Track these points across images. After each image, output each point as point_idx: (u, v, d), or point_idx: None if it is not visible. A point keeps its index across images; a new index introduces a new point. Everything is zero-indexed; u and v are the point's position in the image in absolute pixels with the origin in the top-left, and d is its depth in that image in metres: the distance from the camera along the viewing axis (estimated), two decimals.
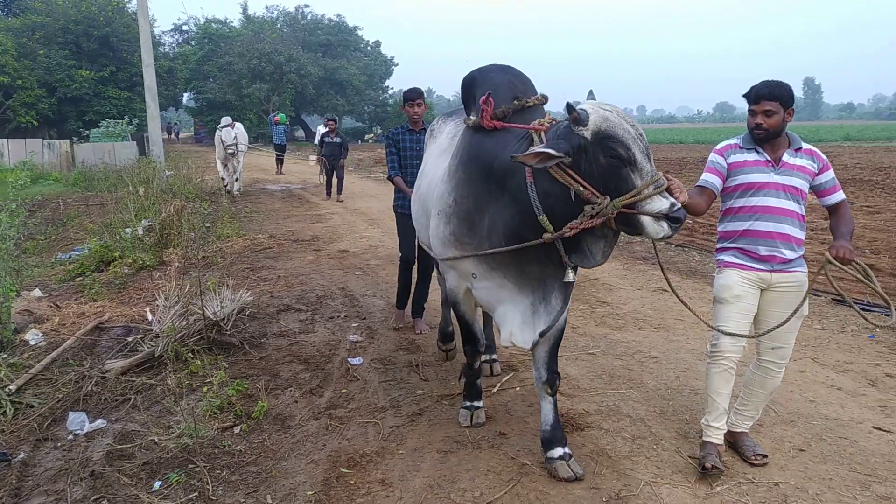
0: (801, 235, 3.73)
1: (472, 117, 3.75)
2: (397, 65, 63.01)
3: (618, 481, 3.74)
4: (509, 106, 3.57)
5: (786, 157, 3.69)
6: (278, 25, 58.08)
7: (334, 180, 17.11)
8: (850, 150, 33.48)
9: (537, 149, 3.13)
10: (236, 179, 17.51)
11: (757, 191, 3.72)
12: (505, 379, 5.23)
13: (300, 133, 58.23)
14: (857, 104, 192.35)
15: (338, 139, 16.99)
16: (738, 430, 4.06)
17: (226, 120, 17.22)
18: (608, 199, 3.08)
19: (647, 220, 3.05)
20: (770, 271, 3.72)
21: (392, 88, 61.68)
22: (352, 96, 54.11)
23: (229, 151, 16.57)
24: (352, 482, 3.81)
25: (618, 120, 3.08)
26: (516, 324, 3.71)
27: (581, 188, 3.12)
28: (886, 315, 4.29)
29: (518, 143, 3.42)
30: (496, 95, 3.57)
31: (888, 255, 9.83)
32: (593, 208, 3.11)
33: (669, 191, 3.13)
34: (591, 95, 3.46)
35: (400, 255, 6.52)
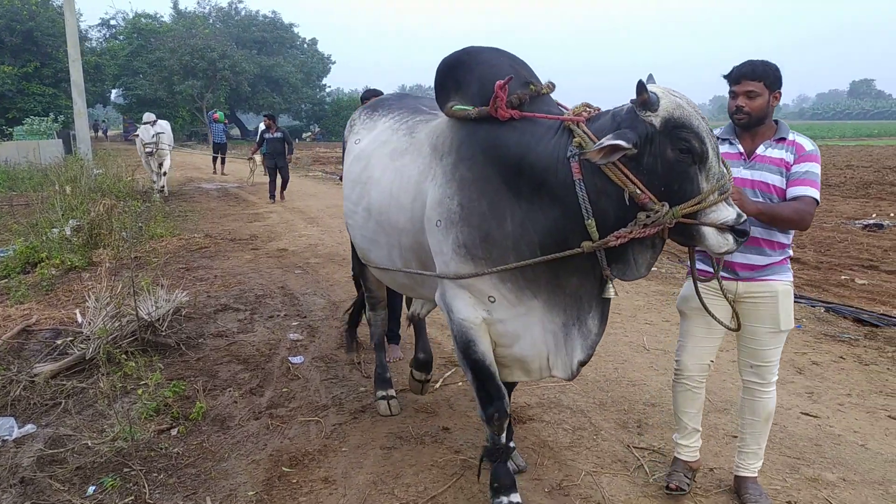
0: (779, 238, 3.27)
1: (465, 107, 3.14)
2: (335, 63, 62.51)
3: (559, 472, 3.80)
4: (525, 92, 3.00)
5: (760, 149, 3.27)
6: (211, 21, 56.85)
7: (278, 180, 16.16)
8: None
9: (607, 141, 2.60)
10: (163, 174, 16.87)
11: None
12: (447, 374, 5.25)
13: (235, 132, 57.20)
14: (783, 104, 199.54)
15: (279, 134, 15.90)
16: (744, 475, 3.51)
17: (148, 117, 16.57)
18: (667, 206, 2.63)
19: (709, 232, 2.64)
20: (735, 279, 3.32)
21: (329, 87, 61.29)
22: (288, 94, 53.43)
23: (147, 150, 15.97)
24: (294, 481, 3.77)
25: (691, 109, 2.65)
26: (549, 349, 3.13)
27: (637, 190, 2.65)
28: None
29: (555, 135, 2.88)
30: (500, 79, 2.97)
31: (812, 248, 10.25)
32: (648, 216, 2.64)
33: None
34: (650, 79, 2.87)
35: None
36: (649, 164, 2.64)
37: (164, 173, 16.75)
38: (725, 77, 3.28)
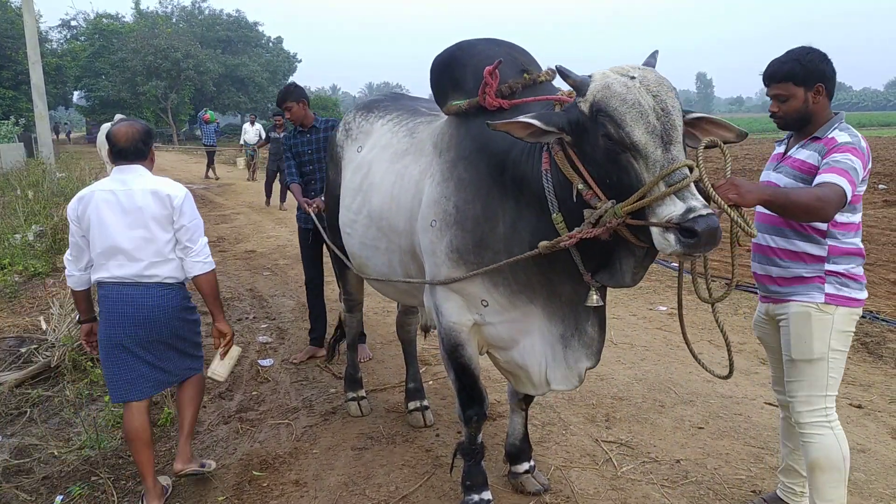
0: (806, 247, 2.84)
1: (458, 102, 3.03)
2: (300, 61, 62.12)
3: None
4: (518, 80, 2.85)
5: (792, 150, 2.94)
6: (174, 20, 56.16)
7: (276, 185, 14.43)
8: (741, 142, 35.15)
9: (523, 118, 2.47)
10: None
11: None
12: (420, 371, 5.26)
13: (199, 132, 56.59)
14: (746, 98, 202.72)
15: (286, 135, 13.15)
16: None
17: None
18: (611, 203, 2.40)
19: (655, 231, 2.30)
20: (767, 299, 3.07)
21: None
22: (254, 93, 52.95)
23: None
24: (265, 485, 3.76)
25: (623, 87, 2.34)
26: (547, 362, 3.04)
27: (580, 185, 2.49)
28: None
29: None
30: (500, 71, 2.84)
31: None
32: (591, 213, 2.47)
33: (712, 189, 2.40)
34: (653, 56, 2.63)
35: (305, 276, 5.88)
36: (589, 154, 2.46)
37: None
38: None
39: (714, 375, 3.03)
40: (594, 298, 2.73)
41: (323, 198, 4.82)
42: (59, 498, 3.69)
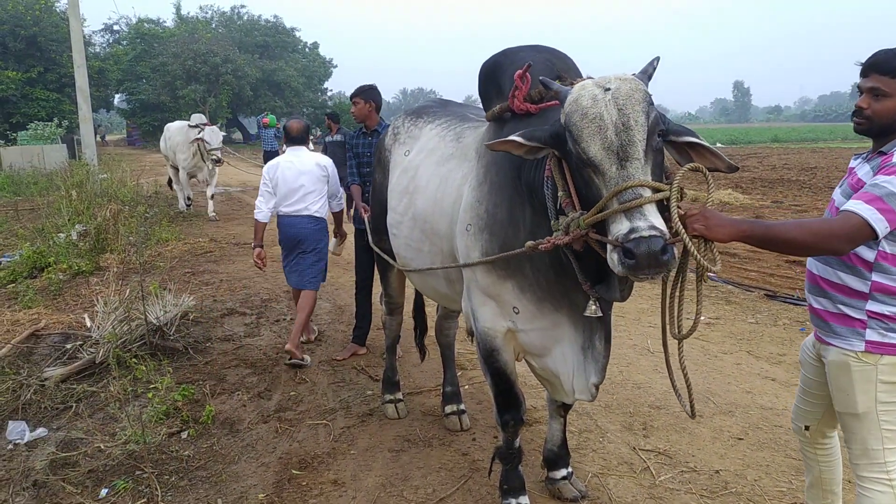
0: (847, 281, 2.50)
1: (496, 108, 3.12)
2: (336, 66, 62.60)
3: None
4: (560, 91, 2.72)
5: (858, 165, 2.58)
6: (213, 26, 57.00)
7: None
8: (778, 152, 34.76)
9: (512, 136, 2.54)
10: (211, 197, 14.12)
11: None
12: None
13: (237, 135, 57.33)
14: (784, 107, 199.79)
15: (339, 137, 10.67)
16: None
17: (198, 118, 13.76)
18: (579, 213, 2.44)
19: (608, 247, 2.28)
20: (817, 335, 2.71)
21: (331, 90, 61.28)
22: (290, 98, 53.48)
23: (213, 158, 13.13)
24: (304, 483, 3.81)
25: (590, 101, 2.32)
26: (574, 371, 3.04)
27: (561, 192, 2.54)
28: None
29: None
30: (531, 75, 2.84)
31: None
32: (563, 221, 2.52)
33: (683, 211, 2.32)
34: (651, 64, 2.57)
35: (356, 277, 6.03)
36: (569, 165, 2.49)
37: (213, 196, 14.23)
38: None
39: (686, 412, 2.90)
40: (592, 308, 2.71)
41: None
42: (104, 491, 3.78)
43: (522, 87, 2.87)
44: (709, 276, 2.27)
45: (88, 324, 6.38)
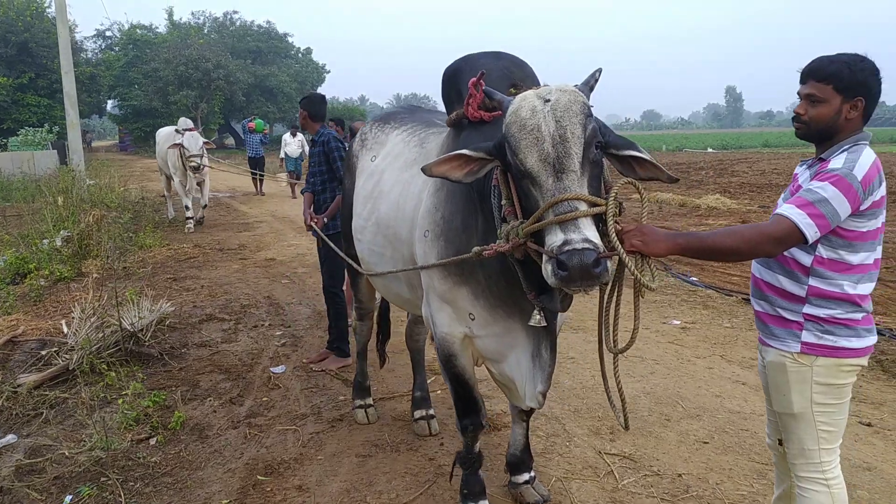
0: (785, 283, 2.53)
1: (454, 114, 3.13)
2: (329, 72, 62.71)
3: None
4: (503, 101, 2.71)
5: (801, 171, 2.64)
6: (206, 31, 57.04)
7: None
8: (768, 157, 34.81)
9: (460, 151, 2.57)
10: (204, 207, 13.65)
11: None
12: (429, 381, 5.29)
13: (230, 141, 57.30)
14: (777, 112, 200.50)
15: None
16: None
17: (184, 122, 13.14)
18: (519, 221, 2.46)
19: (543, 258, 2.30)
20: (760, 338, 2.72)
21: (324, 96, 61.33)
22: (283, 103, 53.51)
23: (192, 164, 12.47)
24: (268, 489, 3.82)
25: (529, 112, 2.34)
26: (526, 378, 3.04)
27: (505, 200, 2.56)
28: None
29: None
30: (488, 83, 2.82)
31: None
32: (504, 228, 2.55)
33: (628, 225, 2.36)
34: (592, 77, 2.58)
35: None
36: (511, 175, 2.51)
37: (205, 206, 13.84)
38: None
39: (619, 424, 2.93)
40: (537, 318, 2.72)
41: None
42: (68, 498, 3.78)
43: (477, 94, 2.88)
44: (690, 280, 2.30)
45: (65, 330, 6.37)
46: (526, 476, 3.67)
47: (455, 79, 3.22)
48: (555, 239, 2.23)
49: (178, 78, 45.11)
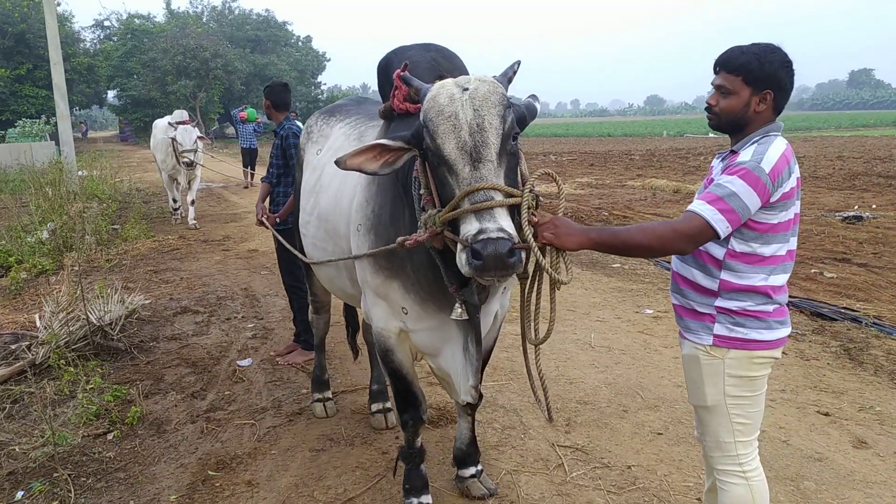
0: (697, 276, 2.52)
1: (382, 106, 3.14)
2: (329, 60, 62.43)
3: None
4: (421, 88, 2.68)
5: (715, 164, 2.63)
6: (204, 20, 56.85)
7: None
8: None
9: (376, 141, 2.57)
10: (192, 203, 12.63)
11: None
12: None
13: (230, 130, 57.23)
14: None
15: None
16: None
17: (180, 114, 12.35)
18: (436, 210, 2.44)
19: (458, 247, 2.30)
20: (679, 332, 2.71)
21: (325, 84, 61.25)
22: None
23: (185, 160, 11.68)
24: (217, 484, 3.82)
25: (447, 99, 2.34)
26: (460, 372, 3.00)
27: (423, 189, 2.55)
28: None
29: None
30: (415, 74, 2.78)
31: None
32: (423, 217, 2.54)
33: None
34: (511, 68, 2.61)
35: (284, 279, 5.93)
36: (428, 163, 2.48)
37: (193, 201, 12.73)
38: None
39: (544, 416, 2.94)
40: (458, 311, 2.68)
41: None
42: (20, 493, 3.79)
43: (402, 86, 2.87)
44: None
45: (38, 324, 6.38)
46: (472, 470, 3.66)
47: (387, 71, 3.19)
48: (469, 228, 2.21)
49: (177, 68, 45.01)
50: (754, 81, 2.40)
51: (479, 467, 3.69)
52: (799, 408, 4.52)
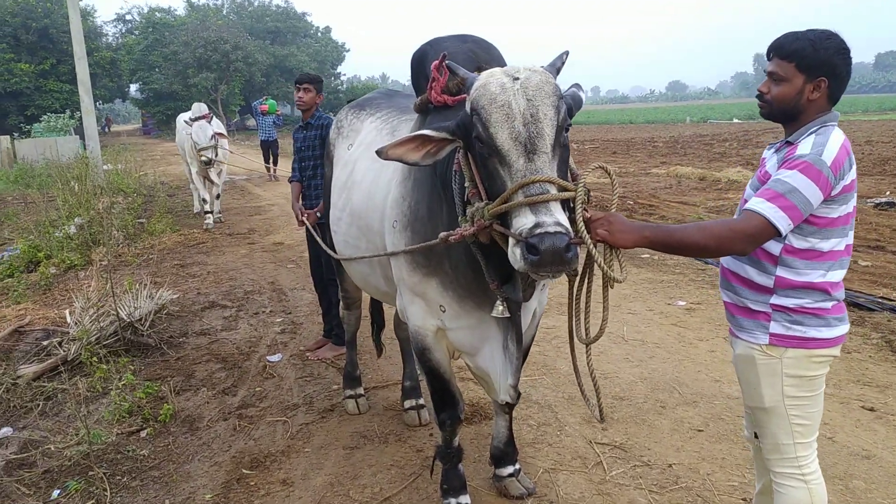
0: (752, 273, 2.43)
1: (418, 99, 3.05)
2: (349, 50, 62.46)
3: None
4: (467, 77, 2.60)
5: (768, 155, 2.52)
6: (224, 13, 57.12)
7: None
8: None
9: (419, 132, 2.48)
10: (217, 197, 12.02)
11: None
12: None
13: (251, 122, 57.45)
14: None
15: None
16: None
17: (198, 108, 11.44)
18: (485, 203, 2.34)
19: (510, 243, 2.20)
20: (730, 329, 2.62)
21: (344, 75, 61.33)
22: None
23: (203, 159, 10.95)
24: (252, 483, 3.79)
25: (498, 88, 2.26)
26: (499, 372, 2.93)
27: (468, 182, 2.45)
28: None
29: None
30: (450, 65, 2.70)
31: None
32: (469, 210, 2.44)
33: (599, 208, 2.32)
34: (559, 58, 2.53)
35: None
36: (474, 155, 2.40)
37: (218, 196, 12.16)
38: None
39: (595, 418, 2.82)
40: (500, 309, 2.64)
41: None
42: (56, 492, 3.79)
43: (440, 78, 2.80)
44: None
45: (69, 320, 6.40)
46: (510, 469, 3.60)
47: (422, 63, 3.11)
48: (525, 221, 2.12)
49: (198, 60, 45.24)
50: (808, 68, 2.29)
51: (517, 466, 3.62)
52: (843, 403, 4.40)
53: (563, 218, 2.14)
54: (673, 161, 20.38)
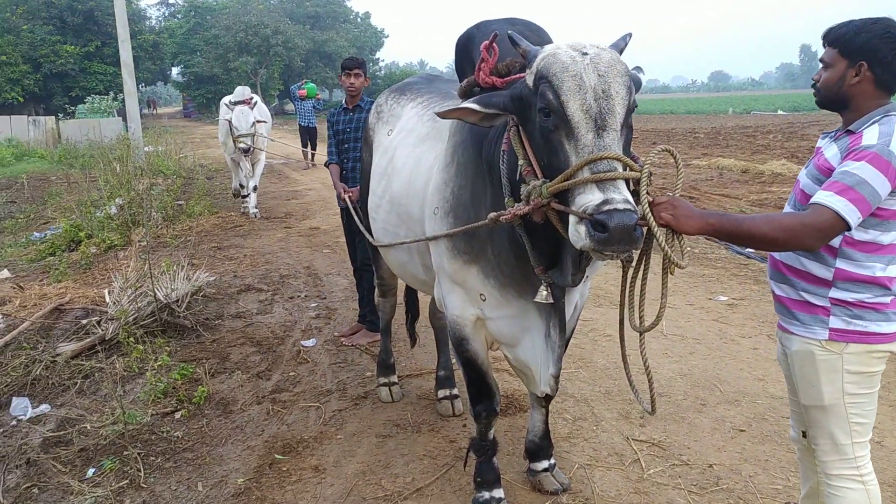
0: (810, 268, 2.35)
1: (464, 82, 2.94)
2: (388, 36, 62.57)
3: None
4: (516, 59, 2.58)
5: (825, 144, 2.44)
6: None
7: None
8: None
9: (464, 103, 2.43)
10: (254, 189, 11.25)
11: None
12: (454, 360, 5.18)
13: (290, 107, 57.81)
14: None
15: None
16: None
17: (241, 92, 10.93)
18: (542, 181, 2.26)
19: (571, 221, 2.12)
20: (780, 324, 2.55)
21: (383, 61, 61.48)
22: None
23: (241, 146, 10.41)
24: (284, 469, 3.77)
25: (569, 59, 2.18)
26: (541, 362, 2.87)
27: (522, 160, 2.37)
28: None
29: None
30: (501, 49, 2.65)
31: None
32: (524, 189, 2.36)
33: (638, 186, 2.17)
34: (623, 39, 2.47)
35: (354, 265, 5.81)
36: (531, 131, 2.32)
37: (255, 187, 11.34)
38: None
39: (644, 409, 2.76)
40: (543, 294, 2.57)
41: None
42: (91, 470, 3.82)
43: (489, 59, 2.68)
44: (745, 253, 2.14)
45: (107, 299, 6.47)
46: (545, 463, 3.52)
47: (468, 47, 3.03)
48: (591, 198, 2.05)
49: (238, 44, 45.66)
50: (849, 53, 2.26)
51: (552, 461, 3.55)
52: (892, 406, 4.25)
53: (630, 196, 2.08)
54: (714, 153, 19.98)
